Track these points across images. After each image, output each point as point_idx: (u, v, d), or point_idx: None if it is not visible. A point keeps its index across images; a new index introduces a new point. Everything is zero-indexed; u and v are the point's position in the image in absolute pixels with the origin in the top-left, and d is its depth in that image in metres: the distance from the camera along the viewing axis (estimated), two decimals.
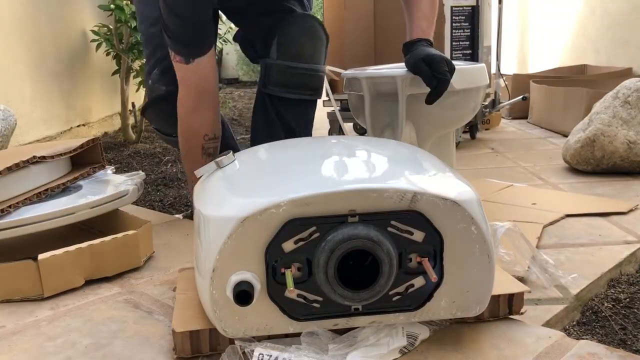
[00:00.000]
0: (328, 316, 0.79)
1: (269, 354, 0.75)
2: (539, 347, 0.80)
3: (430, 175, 0.87)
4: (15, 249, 1.21)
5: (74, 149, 1.29)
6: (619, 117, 1.89)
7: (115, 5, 2.48)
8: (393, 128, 1.33)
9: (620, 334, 0.95)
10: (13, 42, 2.28)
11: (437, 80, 1.16)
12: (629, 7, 3.02)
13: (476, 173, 1.99)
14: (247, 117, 3.73)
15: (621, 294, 1.08)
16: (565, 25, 3.75)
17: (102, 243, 1.11)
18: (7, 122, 1.90)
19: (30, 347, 0.87)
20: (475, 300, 0.81)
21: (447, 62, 1.17)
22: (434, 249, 0.78)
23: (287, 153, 1.01)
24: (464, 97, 1.37)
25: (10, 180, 1.16)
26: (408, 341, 0.80)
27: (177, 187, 2.01)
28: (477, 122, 2.62)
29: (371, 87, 1.33)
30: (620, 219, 1.42)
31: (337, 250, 0.73)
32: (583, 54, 3.50)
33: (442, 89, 1.17)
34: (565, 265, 1.15)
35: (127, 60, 2.68)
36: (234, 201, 0.80)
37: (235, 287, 0.74)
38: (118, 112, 3.06)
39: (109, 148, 2.64)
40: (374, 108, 1.35)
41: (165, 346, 0.86)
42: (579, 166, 1.94)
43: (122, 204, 1.26)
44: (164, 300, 1.03)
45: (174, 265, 1.19)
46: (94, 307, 1.01)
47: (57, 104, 2.60)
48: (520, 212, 1.51)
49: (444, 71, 1.15)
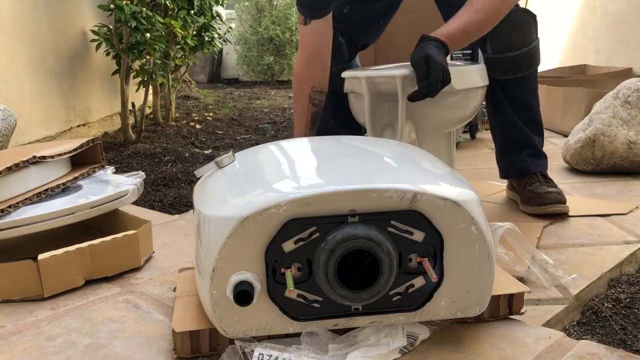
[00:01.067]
0: (328, 316, 0.79)
1: (269, 354, 0.75)
2: (539, 347, 0.80)
3: (430, 175, 0.87)
4: (15, 249, 1.21)
5: (73, 149, 1.29)
6: (619, 117, 1.89)
7: (115, 5, 2.48)
8: (393, 128, 1.33)
9: (620, 334, 0.95)
10: (13, 42, 2.28)
11: (428, 83, 1.19)
12: (629, 7, 3.01)
13: (476, 173, 1.99)
14: (247, 117, 3.74)
15: (621, 294, 1.08)
16: (565, 25, 3.75)
17: (102, 243, 1.11)
18: (7, 122, 1.90)
19: (30, 347, 0.87)
20: (475, 301, 0.81)
21: (444, 71, 1.20)
22: (434, 249, 0.78)
23: (286, 153, 1.01)
24: (464, 97, 1.37)
25: (10, 180, 1.16)
26: (408, 341, 0.80)
27: (177, 187, 2.01)
28: (477, 122, 2.62)
29: (371, 87, 1.33)
30: (620, 219, 1.42)
31: (337, 250, 0.73)
32: (583, 54, 3.50)
33: (428, 94, 1.21)
34: (565, 265, 1.15)
35: (127, 60, 2.68)
36: (234, 201, 0.80)
37: (235, 287, 0.74)
38: (118, 112, 3.06)
39: (109, 148, 2.64)
40: (373, 108, 1.35)
41: (165, 346, 0.86)
42: (579, 166, 1.94)
43: (122, 204, 1.26)
44: (164, 300, 1.03)
45: (174, 265, 1.19)
46: (94, 307, 1.01)
47: (57, 104, 2.60)
48: (521, 212, 1.51)
49: (438, 78, 1.19)
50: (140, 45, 2.58)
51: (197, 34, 3.39)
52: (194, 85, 5.11)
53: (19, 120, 2.15)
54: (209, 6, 3.30)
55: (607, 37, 3.23)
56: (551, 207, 1.45)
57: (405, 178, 0.82)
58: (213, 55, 6.57)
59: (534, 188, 1.49)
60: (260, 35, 6.44)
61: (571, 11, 3.66)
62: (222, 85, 6.52)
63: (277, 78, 6.67)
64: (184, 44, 3.12)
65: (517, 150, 1.55)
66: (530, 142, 1.54)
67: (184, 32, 3.04)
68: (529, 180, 1.53)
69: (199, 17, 3.22)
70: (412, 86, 1.25)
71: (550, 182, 1.53)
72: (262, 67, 6.47)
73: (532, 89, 1.53)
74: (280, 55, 6.46)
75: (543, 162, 1.57)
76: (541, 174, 1.54)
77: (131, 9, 2.48)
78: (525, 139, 1.54)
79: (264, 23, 6.39)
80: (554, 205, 1.45)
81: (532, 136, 1.54)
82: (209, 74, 6.78)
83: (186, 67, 3.59)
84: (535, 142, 1.55)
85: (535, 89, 1.54)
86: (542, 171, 1.55)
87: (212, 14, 3.38)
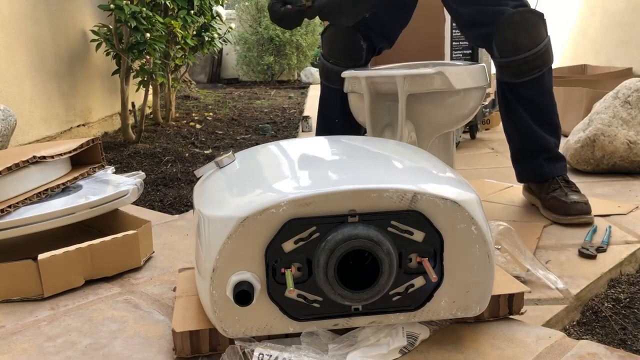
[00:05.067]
0: (328, 316, 0.79)
1: (269, 354, 0.75)
2: (539, 347, 0.80)
3: (430, 176, 0.87)
4: (15, 249, 1.21)
5: (74, 149, 1.29)
6: (619, 117, 1.89)
7: (115, 5, 2.48)
8: (393, 128, 1.33)
9: (620, 334, 0.95)
10: (13, 42, 2.28)
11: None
12: (629, 7, 3.02)
13: (476, 173, 1.99)
14: (247, 117, 3.74)
15: (621, 294, 1.08)
16: (565, 25, 3.75)
17: (102, 243, 1.11)
18: (7, 122, 1.90)
19: (30, 347, 0.87)
20: (475, 300, 0.81)
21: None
22: (434, 249, 0.78)
23: (286, 153, 1.01)
24: (464, 97, 1.37)
25: (10, 180, 1.16)
26: (408, 341, 0.80)
27: (177, 187, 2.01)
28: (477, 122, 2.62)
29: (371, 87, 1.33)
30: (620, 219, 1.42)
31: (337, 250, 0.73)
32: (583, 54, 3.50)
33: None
34: (565, 265, 1.15)
35: (127, 60, 2.68)
36: (234, 201, 0.80)
37: (235, 287, 0.74)
38: (118, 112, 3.06)
39: (109, 148, 2.64)
40: (373, 108, 1.35)
41: (165, 346, 0.86)
42: (579, 166, 1.94)
43: (122, 204, 1.26)
44: (164, 300, 1.03)
45: (174, 265, 1.19)
46: (94, 307, 1.01)
47: (57, 104, 2.60)
48: (520, 212, 1.51)
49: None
50: (140, 45, 2.58)
51: (197, 34, 3.39)
52: (194, 85, 5.11)
53: (19, 120, 2.15)
54: (209, 6, 3.30)
55: (607, 37, 3.23)
56: (577, 218, 1.39)
57: (405, 178, 0.82)
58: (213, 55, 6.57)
59: (558, 195, 1.44)
60: (260, 35, 6.44)
61: (571, 11, 3.66)
62: (222, 85, 6.52)
63: (277, 78, 6.67)
64: (184, 44, 3.12)
65: (533, 156, 1.51)
66: (546, 146, 1.49)
67: (184, 32, 3.04)
68: (551, 186, 1.47)
69: (199, 17, 3.22)
70: (412, 86, 1.25)
71: (572, 186, 1.48)
72: (262, 67, 6.47)
73: (547, 89, 1.48)
74: (280, 55, 6.46)
75: (561, 164, 1.52)
76: (562, 179, 1.49)
77: (131, 9, 2.48)
78: (542, 144, 1.49)
79: (264, 23, 6.39)
80: (581, 217, 1.39)
81: (549, 139, 1.49)
82: (209, 74, 6.78)
83: (186, 67, 3.59)
84: (552, 145, 1.50)
85: (550, 88, 1.49)
86: (562, 175, 1.50)
87: (212, 14, 3.38)
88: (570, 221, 1.39)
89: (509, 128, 1.55)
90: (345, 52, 1.57)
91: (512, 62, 1.40)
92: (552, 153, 1.51)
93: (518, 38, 1.37)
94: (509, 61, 1.40)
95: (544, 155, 1.50)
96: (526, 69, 1.40)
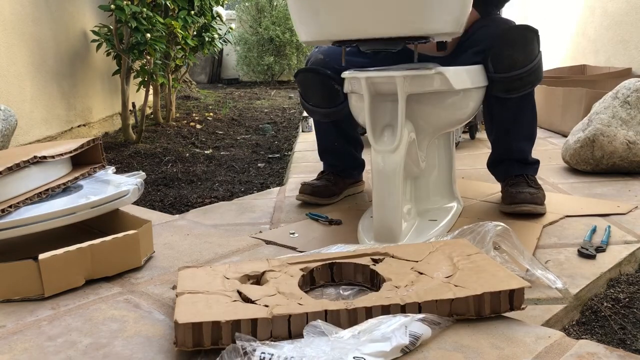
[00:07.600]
0: None
1: (270, 353, 0.75)
2: (539, 346, 0.80)
3: None
4: (16, 249, 1.22)
5: (74, 149, 1.29)
6: (619, 117, 1.89)
7: (115, 6, 2.48)
8: (393, 128, 1.33)
9: (620, 334, 0.95)
10: (14, 42, 2.28)
11: None
12: (628, 7, 3.02)
13: (476, 173, 1.99)
14: (247, 117, 3.74)
15: (620, 293, 1.08)
16: (565, 25, 3.75)
17: (102, 243, 1.11)
18: (8, 122, 1.90)
19: (31, 347, 0.87)
20: None
21: None
22: None
23: None
24: (464, 98, 1.37)
25: (11, 180, 1.16)
26: (410, 340, 0.80)
27: (177, 187, 2.01)
28: (477, 122, 2.62)
29: (371, 87, 1.33)
30: (620, 219, 1.42)
31: None
32: (583, 54, 3.50)
33: None
34: (564, 265, 1.15)
35: (128, 60, 2.69)
36: None
37: None
38: (118, 112, 3.06)
39: (109, 148, 2.64)
40: (373, 108, 1.35)
41: (166, 345, 0.86)
42: (579, 166, 1.94)
43: (123, 204, 1.26)
44: (164, 300, 1.03)
45: (175, 265, 1.19)
46: (95, 307, 1.01)
47: (57, 104, 2.60)
48: None
49: None
50: (141, 46, 2.59)
51: (198, 34, 3.39)
52: (194, 86, 5.12)
53: (20, 120, 2.15)
54: (209, 7, 3.30)
55: (607, 37, 3.23)
56: (520, 206, 1.44)
57: None
58: (213, 56, 6.58)
59: (512, 188, 1.50)
60: (260, 35, 6.44)
61: (571, 11, 3.66)
62: (223, 85, 6.53)
63: (277, 78, 6.67)
64: (184, 44, 3.12)
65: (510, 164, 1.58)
66: (524, 156, 1.57)
67: (184, 32, 3.04)
68: (509, 181, 1.55)
69: (199, 18, 3.23)
70: (412, 86, 1.25)
71: (533, 183, 1.53)
72: (262, 67, 6.48)
73: (531, 104, 1.53)
74: (280, 55, 6.47)
75: (533, 167, 1.59)
76: (527, 176, 1.55)
77: (132, 10, 2.49)
78: (521, 156, 1.57)
79: (264, 23, 6.40)
80: (523, 205, 1.44)
81: (528, 150, 1.57)
82: (209, 74, 6.79)
83: (186, 67, 3.59)
84: (528, 153, 1.58)
85: (534, 103, 1.53)
86: (529, 174, 1.56)
87: (213, 15, 3.38)
88: (513, 210, 1.45)
89: (491, 135, 1.61)
90: (321, 97, 1.58)
91: (506, 78, 1.41)
92: (527, 160, 1.59)
93: (514, 54, 1.39)
94: (503, 77, 1.41)
95: (520, 163, 1.58)
96: (519, 85, 1.42)
